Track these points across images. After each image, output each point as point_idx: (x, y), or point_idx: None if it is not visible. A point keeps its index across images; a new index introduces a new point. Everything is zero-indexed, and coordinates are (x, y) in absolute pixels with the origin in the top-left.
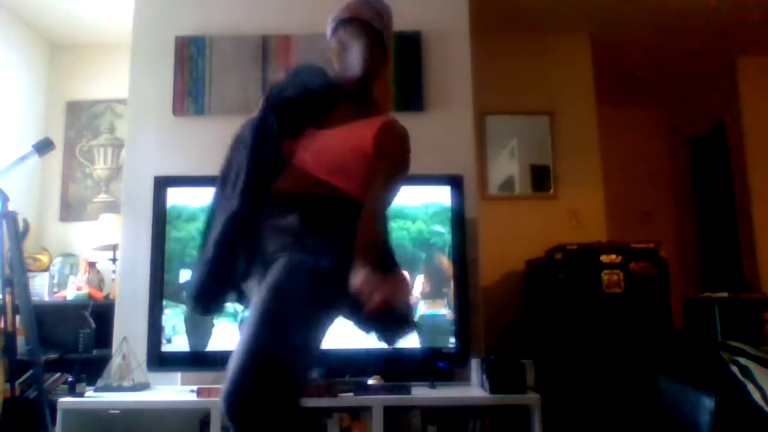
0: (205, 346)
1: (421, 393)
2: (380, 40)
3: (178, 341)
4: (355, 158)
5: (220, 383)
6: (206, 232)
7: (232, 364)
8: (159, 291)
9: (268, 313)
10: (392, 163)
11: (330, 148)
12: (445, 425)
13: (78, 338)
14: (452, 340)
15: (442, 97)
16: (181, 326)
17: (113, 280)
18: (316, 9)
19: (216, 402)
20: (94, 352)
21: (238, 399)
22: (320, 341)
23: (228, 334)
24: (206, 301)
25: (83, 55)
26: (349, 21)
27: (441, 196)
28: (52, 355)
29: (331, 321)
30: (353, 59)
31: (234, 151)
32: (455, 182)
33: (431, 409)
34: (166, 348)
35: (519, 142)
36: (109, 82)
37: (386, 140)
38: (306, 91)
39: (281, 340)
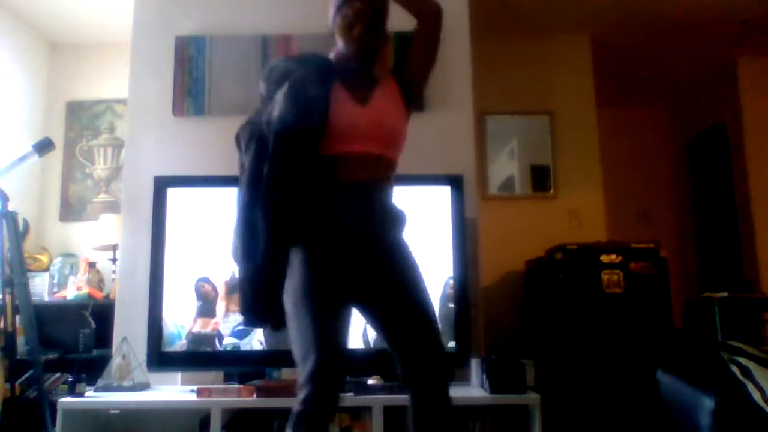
0: None
1: None
2: (381, 18)
3: None
4: (403, 121)
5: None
6: (246, 234)
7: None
8: (159, 291)
9: (426, 295)
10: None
11: (385, 124)
12: None
13: (78, 338)
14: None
15: (442, 97)
16: None
17: (113, 280)
18: (316, 9)
19: (216, 401)
20: (94, 352)
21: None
22: None
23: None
24: (262, 315)
25: (83, 55)
26: None
27: (441, 196)
28: (52, 355)
29: None
30: (358, 32)
31: (257, 150)
32: (455, 182)
33: None
34: (166, 348)
35: (519, 142)
36: (109, 82)
37: (405, 72)
38: (324, 85)
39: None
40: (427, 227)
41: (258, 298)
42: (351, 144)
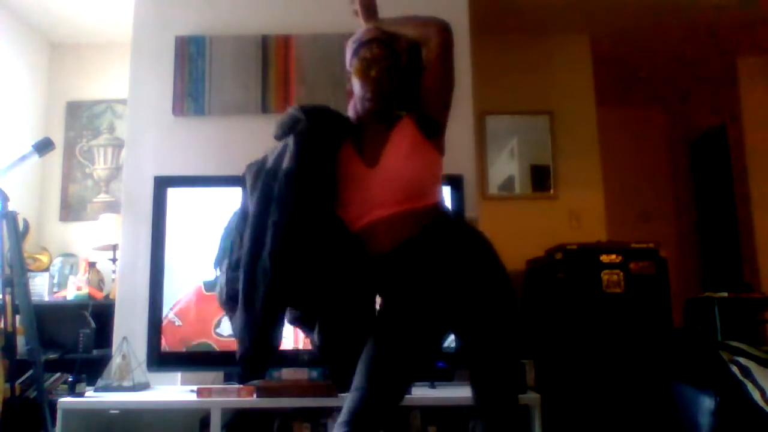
0: None
1: (421, 393)
2: (399, 61)
3: None
4: (424, 165)
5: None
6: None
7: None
8: (159, 291)
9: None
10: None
11: (400, 180)
12: (445, 425)
13: (78, 338)
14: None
15: None
16: None
17: (113, 280)
18: (316, 9)
19: (216, 401)
20: (94, 352)
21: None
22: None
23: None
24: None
25: (83, 55)
26: (370, 41)
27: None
28: (52, 355)
29: None
30: (375, 74)
31: (261, 195)
32: (455, 182)
33: (431, 409)
34: (166, 348)
35: (519, 142)
36: (109, 82)
37: (422, 107)
38: (328, 144)
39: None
40: None
41: (256, 349)
42: (370, 212)
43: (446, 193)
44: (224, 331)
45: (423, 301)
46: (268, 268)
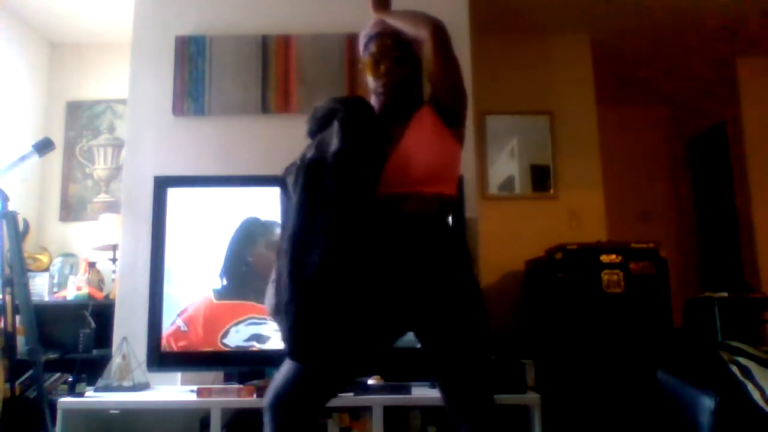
0: None
1: (421, 393)
2: (409, 51)
3: None
4: (444, 151)
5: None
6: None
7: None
8: (159, 291)
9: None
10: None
11: (416, 164)
12: (445, 425)
13: (78, 338)
14: None
15: None
16: None
17: (113, 280)
18: (316, 9)
19: (216, 401)
20: (94, 352)
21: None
22: None
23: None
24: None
25: (83, 55)
26: (379, 35)
27: None
28: (52, 355)
29: None
30: (385, 68)
31: (306, 180)
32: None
33: (431, 409)
34: (166, 348)
35: (519, 142)
36: (109, 82)
37: (439, 104)
38: (375, 124)
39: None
40: None
41: (304, 318)
42: (390, 188)
43: None
44: (231, 342)
45: (387, 291)
46: (323, 242)
